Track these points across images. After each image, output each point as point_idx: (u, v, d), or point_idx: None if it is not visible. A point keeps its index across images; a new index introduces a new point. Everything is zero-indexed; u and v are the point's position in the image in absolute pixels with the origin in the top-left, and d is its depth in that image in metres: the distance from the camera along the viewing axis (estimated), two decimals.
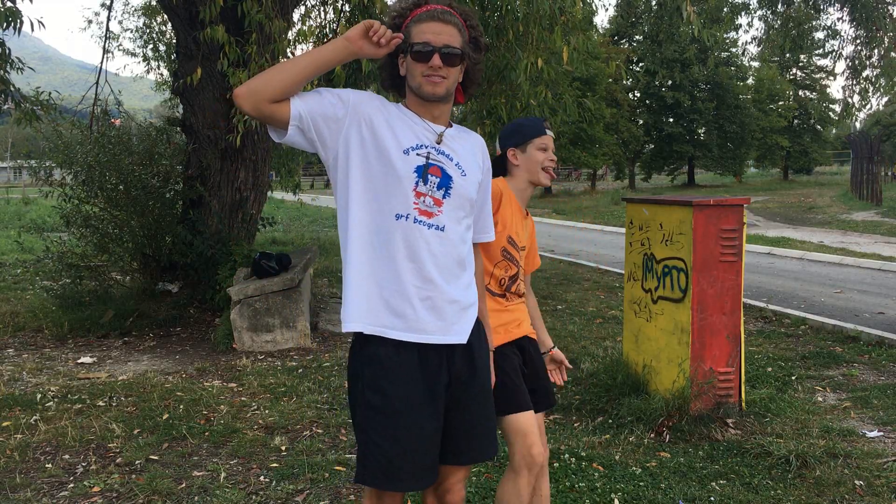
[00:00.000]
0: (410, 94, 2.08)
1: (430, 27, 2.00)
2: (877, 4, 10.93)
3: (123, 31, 54.45)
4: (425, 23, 2.01)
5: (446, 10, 2.04)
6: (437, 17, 2.01)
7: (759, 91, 43.49)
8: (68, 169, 7.82)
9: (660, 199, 4.77)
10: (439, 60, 1.99)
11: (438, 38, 2.00)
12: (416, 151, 2.01)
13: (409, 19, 2.04)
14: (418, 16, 2.03)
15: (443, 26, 2.01)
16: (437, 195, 2.01)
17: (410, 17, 2.04)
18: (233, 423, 4.53)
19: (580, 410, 4.71)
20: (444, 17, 2.02)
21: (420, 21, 2.02)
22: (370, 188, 1.99)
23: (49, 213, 13.95)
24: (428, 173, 2.01)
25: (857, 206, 23.14)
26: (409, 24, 2.03)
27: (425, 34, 2.00)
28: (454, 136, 2.11)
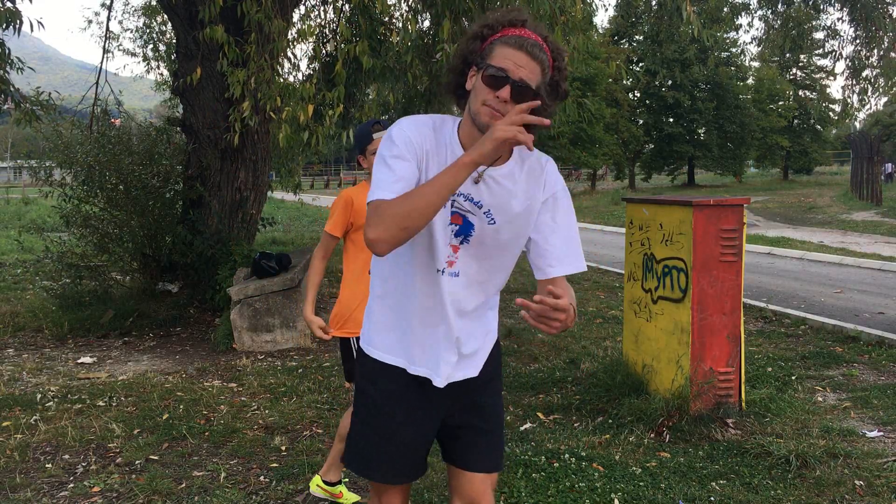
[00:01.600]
0: (467, 115, 1.90)
1: (515, 55, 1.81)
2: (877, 4, 10.93)
3: (123, 31, 54.44)
4: (511, 48, 1.81)
5: (538, 42, 1.84)
6: (525, 47, 1.81)
7: (759, 91, 43.50)
8: (68, 169, 7.82)
9: (660, 199, 4.77)
10: (508, 93, 1.80)
11: (518, 70, 1.80)
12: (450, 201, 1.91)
13: (498, 35, 1.85)
14: (508, 37, 1.83)
15: (528, 59, 1.81)
16: (454, 242, 1.94)
17: (501, 33, 1.85)
18: (233, 423, 4.53)
19: (580, 410, 4.71)
20: (534, 50, 1.81)
21: (507, 44, 1.82)
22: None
23: (49, 213, 13.95)
24: (449, 221, 1.92)
25: (857, 206, 23.15)
26: (496, 41, 1.84)
27: (506, 60, 1.81)
28: (505, 174, 1.93)
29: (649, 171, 43.34)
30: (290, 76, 10.03)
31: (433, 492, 3.52)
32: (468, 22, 6.66)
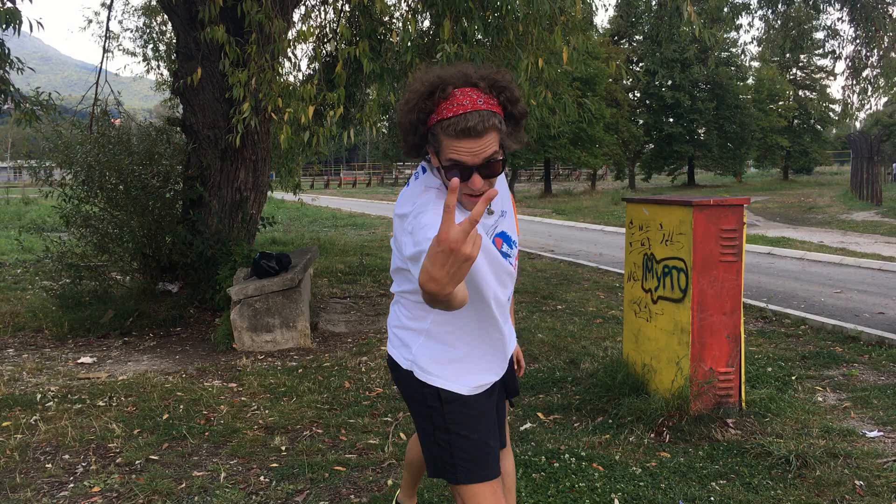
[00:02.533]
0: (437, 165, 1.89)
1: (464, 145, 1.75)
2: (877, 4, 10.94)
3: (123, 31, 54.40)
4: (456, 140, 1.74)
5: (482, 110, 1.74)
6: (467, 130, 1.73)
7: (759, 91, 43.51)
8: (68, 169, 7.82)
9: (660, 199, 4.77)
10: (480, 182, 1.78)
11: (474, 156, 1.75)
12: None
13: (435, 118, 1.77)
14: (447, 125, 1.75)
15: (477, 141, 1.75)
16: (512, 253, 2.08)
17: (438, 115, 1.76)
18: (233, 423, 4.53)
19: (580, 410, 4.71)
20: (479, 126, 1.74)
21: (449, 136, 1.75)
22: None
23: (49, 213, 13.96)
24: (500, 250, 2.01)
25: (857, 206, 23.15)
26: (436, 126, 1.78)
27: (459, 153, 1.75)
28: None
29: (649, 171, 43.34)
30: (291, 76, 10.04)
31: (433, 492, 3.53)
32: (468, 22, 6.67)
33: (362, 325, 7.36)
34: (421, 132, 1.82)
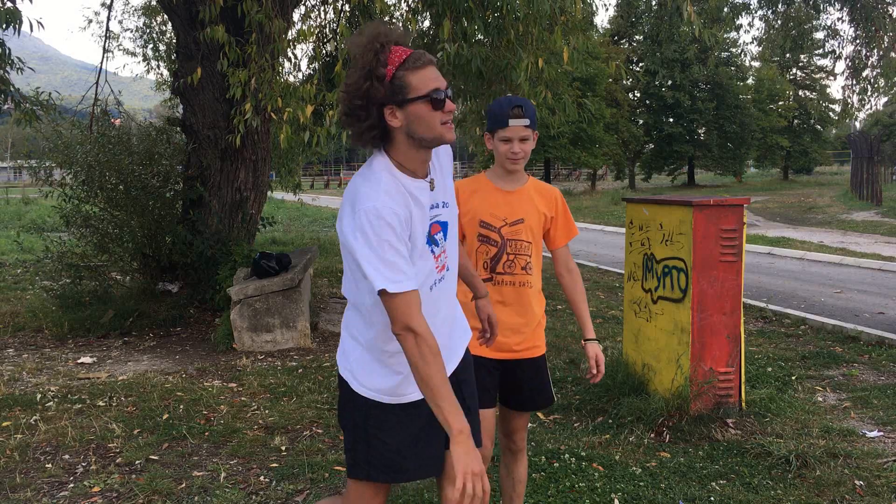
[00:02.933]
0: (411, 143, 1.95)
1: (432, 72, 1.93)
2: (876, 4, 10.93)
3: (123, 31, 54.36)
4: (426, 68, 1.91)
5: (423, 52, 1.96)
6: (431, 62, 1.93)
7: (759, 91, 43.49)
8: (68, 169, 7.82)
9: (660, 199, 4.77)
10: (452, 104, 1.96)
11: (442, 81, 1.94)
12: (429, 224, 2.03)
13: (392, 69, 1.89)
14: (411, 61, 1.90)
15: (435, 70, 1.96)
16: (444, 245, 2.11)
17: (397, 63, 1.90)
18: (233, 423, 4.53)
19: (580, 410, 4.71)
20: (431, 59, 1.95)
21: (417, 68, 1.90)
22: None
23: (49, 213, 13.96)
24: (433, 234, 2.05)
25: (857, 206, 23.14)
26: (397, 72, 1.89)
27: (430, 81, 1.91)
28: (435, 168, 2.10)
29: (649, 171, 43.32)
30: (291, 76, 10.03)
31: (433, 492, 3.53)
32: (468, 22, 6.66)
33: None
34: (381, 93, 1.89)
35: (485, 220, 2.63)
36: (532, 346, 2.71)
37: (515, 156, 2.58)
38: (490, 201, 2.64)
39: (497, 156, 2.64)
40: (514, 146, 2.57)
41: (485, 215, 2.63)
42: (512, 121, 2.54)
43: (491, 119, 2.62)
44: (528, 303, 2.66)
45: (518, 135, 2.56)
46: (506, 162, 2.61)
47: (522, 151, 2.58)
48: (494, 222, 2.63)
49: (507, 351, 2.67)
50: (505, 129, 2.56)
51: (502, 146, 2.59)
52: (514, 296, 2.65)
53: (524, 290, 2.65)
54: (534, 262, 2.67)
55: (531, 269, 2.65)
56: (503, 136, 2.57)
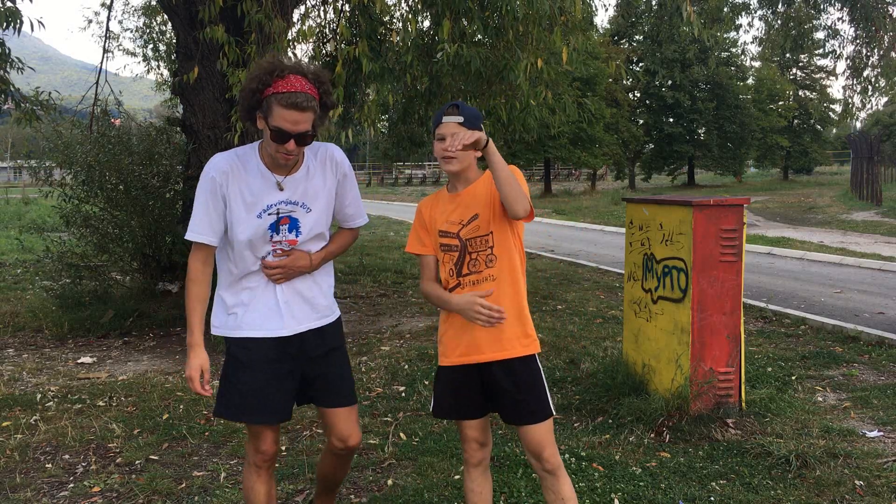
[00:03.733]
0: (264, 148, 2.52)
1: (290, 116, 2.35)
2: (877, 4, 10.93)
3: (123, 31, 54.38)
4: (286, 109, 2.34)
5: (307, 93, 2.35)
6: (297, 105, 2.34)
7: (759, 91, 43.49)
8: (68, 169, 7.82)
9: (660, 199, 4.77)
10: (294, 145, 2.41)
11: (296, 126, 2.37)
12: (267, 212, 2.52)
13: (271, 91, 2.36)
14: (282, 96, 2.34)
15: (301, 115, 2.36)
16: (290, 237, 2.59)
17: (273, 88, 2.35)
18: (233, 423, 4.53)
19: (580, 410, 4.71)
20: (304, 105, 2.34)
21: (281, 104, 2.34)
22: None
23: (49, 213, 13.96)
24: (280, 225, 2.56)
25: (857, 206, 23.14)
26: (271, 97, 2.36)
27: (285, 121, 2.36)
28: (302, 175, 2.57)
29: (649, 171, 43.33)
30: None
31: (433, 492, 3.53)
32: (468, 22, 6.66)
33: (362, 325, 7.35)
34: (257, 98, 2.39)
35: (442, 230, 2.60)
36: (507, 346, 2.55)
37: (447, 151, 2.48)
38: (444, 210, 2.61)
39: (437, 158, 2.60)
40: (447, 142, 2.47)
41: (441, 224, 2.60)
42: (446, 118, 2.52)
43: (433, 124, 2.62)
44: (495, 298, 2.54)
45: (450, 131, 2.49)
46: (441, 161, 2.55)
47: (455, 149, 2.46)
48: (451, 228, 2.58)
49: (477, 354, 2.56)
50: (439, 127, 2.54)
51: (438, 145, 2.55)
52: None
53: (487, 285, 2.55)
54: (497, 251, 2.55)
55: (494, 261, 2.54)
56: (438, 135, 2.54)
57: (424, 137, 11.42)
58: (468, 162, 2.56)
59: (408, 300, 8.85)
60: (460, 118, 2.51)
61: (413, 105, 9.07)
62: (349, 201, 2.74)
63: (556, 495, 2.61)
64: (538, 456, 2.59)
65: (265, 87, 2.36)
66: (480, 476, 2.71)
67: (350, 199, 2.74)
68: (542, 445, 2.58)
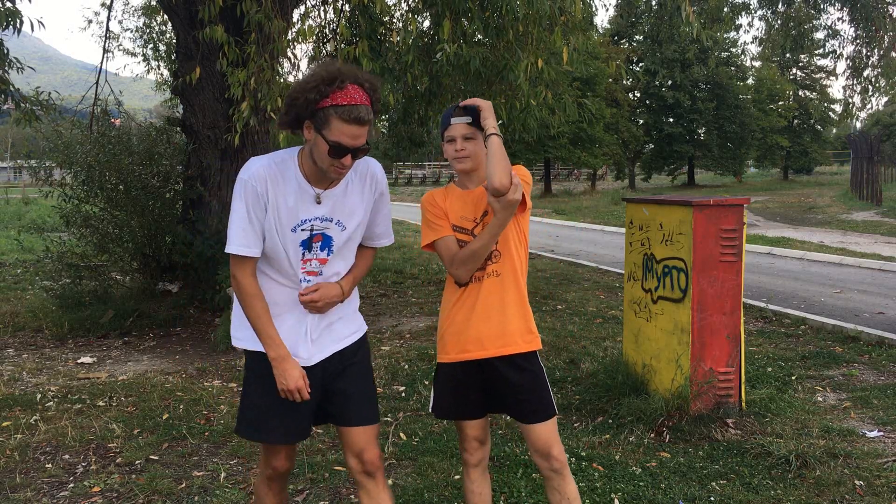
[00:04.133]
0: (310, 160, 2.32)
1: (351, 130, 2.20)
2: (877, 4, 10.93)
3: (123, 31, 54.36)
4: (348, 124, 2.19)
5: (367, 105, 2.21)
6: (360, 119, 2.20)
7: (759, 91, 43.49)
8: (68, 169, 7.82)
9: (660, 199, 4.77)
10: (351, 160, 2.26)
11: (355, 140, 2.22)
12: (301, 227, 2.38)
13: (329, 103, 2.19)
14: (343, 109, 2.18)
15: (361, 129, 2.22)
16: (321, 255, 2.44)
17: (332, 99, 2.18)
18: (233, 423, 4.53)
19: (580, 410, 4.71)
20: (365, 119, 2.20)
21: (342, 118, 2.19)
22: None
23: (49, 213, 13.96)
24: (312, 242, 2.41)
25: (857, 206, 23.14)
26: (329, 109, 2.19)
27: (344, 135, 2.20)
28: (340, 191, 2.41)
29: (649, 171, 43.34)
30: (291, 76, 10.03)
31: (433, 492, 3.53)
32: (468, 22, 6.66)
33: None
34: (311, 109, 2.22)
35: (456, 224, 2.62)
36: (510, 342, 2.56)
37: (459, 153, 2.55)
38: (457, 205, 2.63)
39: (449, 160, 2.63)
40: (458, 143, 2.55)
41: (455, 219, 2.61)
42: (454, 119, 2.56)
43: (440, 126, 2.65)
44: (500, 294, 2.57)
45: (460, 133, 2.55)
46: (454, 162, 2.59)
47: (467, 150, 2.55)
48: (466, 224, 2.60)
49: (479, 350, 2.56)
50: (448, 129, 2.58)
51: (448, 147, 2.59)
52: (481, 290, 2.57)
53: (488, 282, 2.57)
54: (502, 247, 2.58)
55: (499, 258, 2.58)
56: (448, 136, 2.58)
57: (424, 137, 11.42)
58: (479, 160, 2.59)
59: (408, 300, 8.85)
60: (468, 118, 2.55)
61: (413, 105, 9.07)
62: (380, 220, 2.58)
63: (563, 495, 2.61)
64: (546, 454, 2.58)
65: (322, 98, 2.19)
66: (480, 476, 2.71)
67: (381, 218, 2.58)
68: (551, 444, 2.59)
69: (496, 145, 2.44)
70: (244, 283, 2.35)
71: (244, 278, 2.35)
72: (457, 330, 2.59)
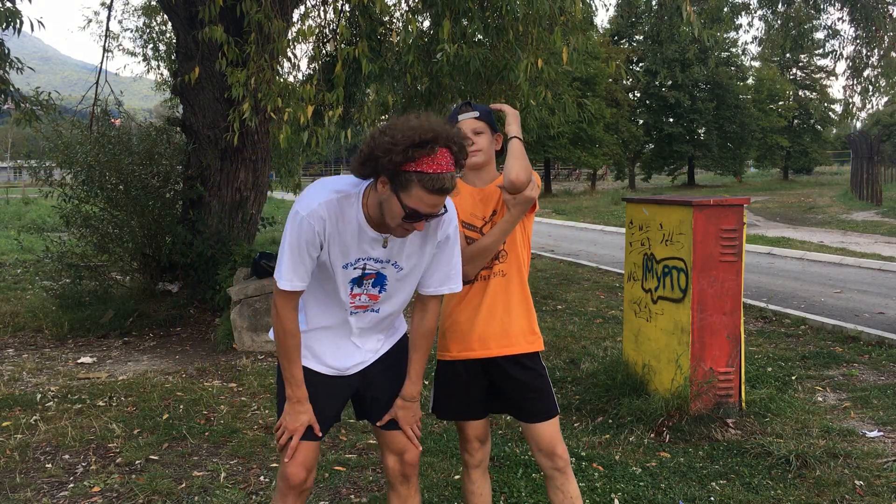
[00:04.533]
0: (378, 210, 2.16)
1: (432, 200, 2.06)
2: (877, 4, 10.93)
3: (123, 31, 54.36)
4: (428, 193, 2.04)
5: (451, 172, 2.06)
6: (445, 190, 2.05)
7: (759, 91, 43.46)
8: (68, 169, 7.82)
9: (660, 199, 4.77)
10: (423, 226, 2.15)
11: (434, 209, 2.09)
12: (354, 265, 2.27)
13: (414, 167, 2.02)
14: (429, 179, 2.02)
15: (442, 198, 2.09)
16: (372, 292, 2.35)
17: (417, 165, 2.02)
18: (233, 423, 4.53)
19: (580, 410, 4.71)
20: (447, 189, 2.06)
21: (424, 186, 2.03)
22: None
23: (49, 213, 13.96)
24: (364, 280, 2.31)
25: (857, 206, 23.14)
26: (413, 174, 2.02)
27: (423, 204, 2.06)
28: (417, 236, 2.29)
29: (649, 171, 43.32)
30: (290, 76, 10.04)
31: (433, 492, 3.53)
32: (468, 22, 6.65)
33: None
34: (395, 169, 2.04)
35: (465, 222, 2.61)
36: (514, 342, 2.58)
37: (471, 147, 2.51)
38: (466, 202, 2.62)
39: None
40: (469, 138, 2.52)
41: (464, 216, 2.60)
42: (461, 115, 2.57)
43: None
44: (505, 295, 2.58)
45: (470, 128, 2.55)
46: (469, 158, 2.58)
47: (477, 144, 2.55)
48: (475, 222, 2.59)
49: (483, 349, 2.56)
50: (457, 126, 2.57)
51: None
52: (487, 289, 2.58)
53: (494, 281, 2.58)
54: (509, 247, 2.59)
55: (505, 257, 2.58)
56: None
57: None
58: (490, 155, 2.61)
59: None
60: (476, 113, 2.57)
61: (413, 105, 9.07)
62: (443, 264, 2.39)
63: (566, 495, 2.60)
64: (551, 453, 2.58)
65: (408, 161, 2.02)
66: (480, 477, 2.71)
67: (444, 263, 2.39)
68: (555, 442, 2.59)
69: (518, 146, 2.48)
70: (285, 318, 2.26)
71: (287, 312, 2.26)
72: (460, 328, 2.59)
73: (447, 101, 8.24)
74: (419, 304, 2.47)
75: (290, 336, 2.29)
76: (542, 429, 2.58)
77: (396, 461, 2.49)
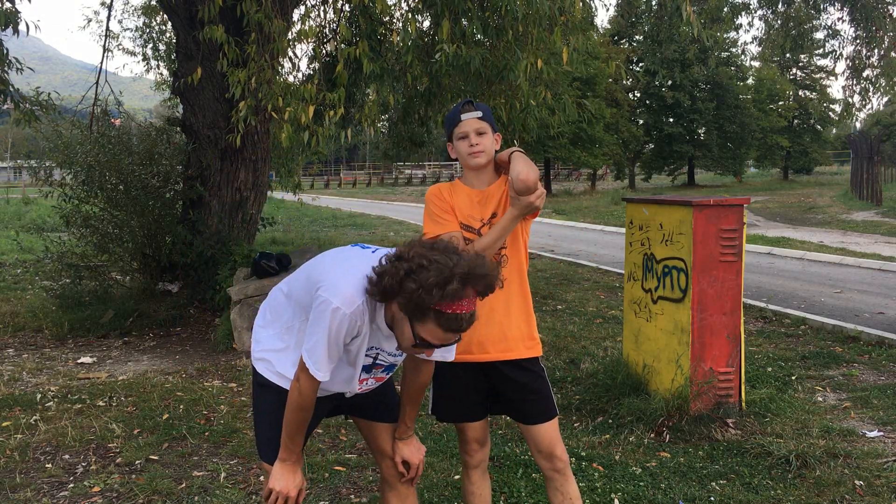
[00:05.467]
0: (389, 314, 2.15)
1: (445, 337, 2.05)
2: (877, 4, 10.93)
3: (123, 31, 54.34)
4: (443, 332, 2.03)
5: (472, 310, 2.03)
6: (461, 330, 2.03)
7: (759, 91, 43.45)
8: (68, 169, 7.82)
9: (660, 199, 4.77)
10: (430, 352, 2.18)
11: (445, 341, 2.07)
12: (367, 354, 2.28)
13: (437, 305, 1.99)
14: (446, 319, 2.00)
15: (456, 336, 2.07)
16: (380, 375, 2.40)
17: (441, 305, 1.99)
18: (233, 423, 4.53)
19: (580, 410, 4.71)
20: (464, 329, 2.04)
21: (440, 325, 2.01)
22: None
23: (49, 213, 13.95)
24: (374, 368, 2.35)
25: (857, 206, 23.13)
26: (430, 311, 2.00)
27: (436, 338, 2.05)
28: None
29: (649, 171, 43.31)
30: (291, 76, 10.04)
31: (433, 492, 3.53)
32: (467, 22, 6.65)
33: None
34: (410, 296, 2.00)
35: (464, 223, 2.60)
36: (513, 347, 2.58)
37: (474, 147, 2.54)
38: (464, 203, 2.61)
39: (461, 158, 2.59)
40: (472, 139, 2.54)
41: (464, 218, 2.59)
42: (464, 115, 2.55)
43: (447, 125, 2.63)
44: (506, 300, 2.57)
45: (473, 127, 2.54)
46: (468, 158, 2.56)
47: (481, 144, 2.54)
48: (473, 223, 2.59)
49: (481, 353, 2.56)
50: (459, 126, 2.56)
51: (461, 144, 2.57)
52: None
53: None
54: (509, 252, 2.59)
55: (505, 262, 2.58)
56: (459, 133, 2.56)
57: (424, 137, 11.42)
58: (492, 155, 2.60)
59: None
60: (479, 112, 2.56)
61: (413, 105, 9.08)
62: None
63: (565, 495, 2.61)
64: (550, 454, 2.59)
65: (431, 298, 1.99)
66: (480, 477, 2.71)
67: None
68: (554, 444, 2.59)
69: (522, 155, 2.52)
70: (307, 396, 2.22)
71: (311, 393, 2.22)
72: None
73: (447, 100, 8.25)
74: (411, 364, 2.43)
75: (304, 411, 2.25)
76: (542, 430, 2.58)
77: (390, 465, 2.51)
